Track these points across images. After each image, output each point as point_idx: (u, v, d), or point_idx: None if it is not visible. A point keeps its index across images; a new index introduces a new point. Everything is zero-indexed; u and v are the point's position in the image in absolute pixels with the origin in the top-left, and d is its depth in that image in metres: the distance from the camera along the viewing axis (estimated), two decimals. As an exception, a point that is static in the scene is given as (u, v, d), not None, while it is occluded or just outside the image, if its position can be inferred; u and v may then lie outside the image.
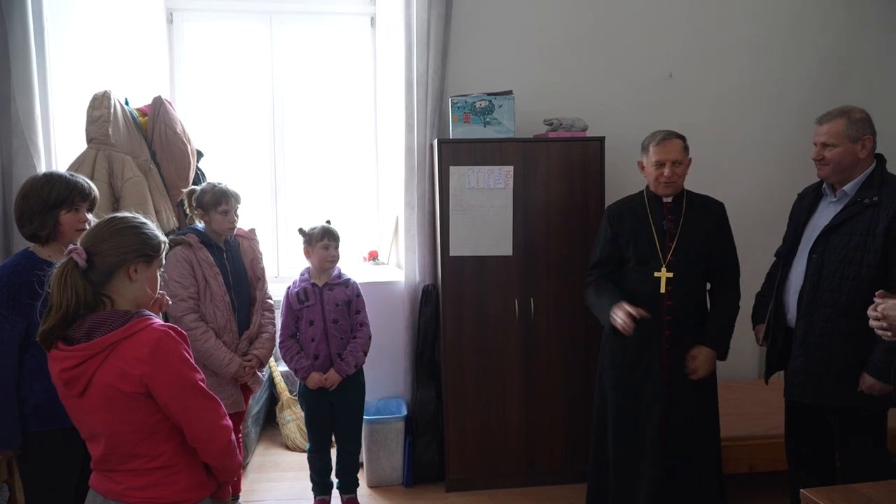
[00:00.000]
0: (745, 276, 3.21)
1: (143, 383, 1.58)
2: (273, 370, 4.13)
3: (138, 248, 1.67)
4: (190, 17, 4.17)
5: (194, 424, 1.66)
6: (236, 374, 2.79)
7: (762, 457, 3.18)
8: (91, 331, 1.60)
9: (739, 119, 4.04)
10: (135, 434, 1.61)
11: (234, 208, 2.87)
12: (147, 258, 1.69)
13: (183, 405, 1.63)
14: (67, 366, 1.59)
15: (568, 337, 3.44)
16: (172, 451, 1.66)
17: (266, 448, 3.99)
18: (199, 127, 4.15)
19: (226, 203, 2.83)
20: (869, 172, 2.46)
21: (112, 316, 1.62)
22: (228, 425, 1.74)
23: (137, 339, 1.59)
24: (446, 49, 3.69)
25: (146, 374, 1.57)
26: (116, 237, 1.66)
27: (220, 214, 2.83)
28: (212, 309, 2.77)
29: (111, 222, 1.70)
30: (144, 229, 1.71)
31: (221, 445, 1.71)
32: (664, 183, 2.73)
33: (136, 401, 1.59)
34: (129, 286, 1.67)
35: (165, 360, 1.59)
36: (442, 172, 3.34)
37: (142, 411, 1.61)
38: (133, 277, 1.67)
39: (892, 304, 1.98)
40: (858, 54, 4.09)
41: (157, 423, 1.63)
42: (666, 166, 2.70)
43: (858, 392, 2.38)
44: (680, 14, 3.95)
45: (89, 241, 1.66)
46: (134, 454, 1.63)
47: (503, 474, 3.47)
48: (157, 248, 1.73)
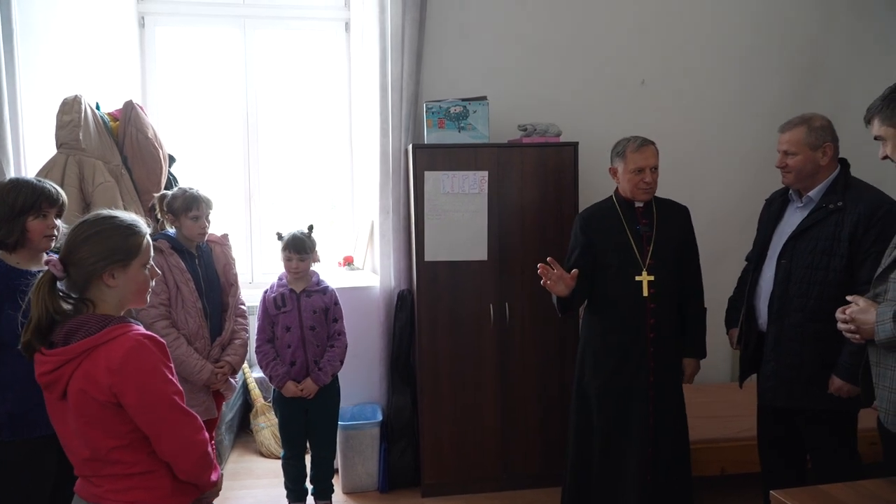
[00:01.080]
0: (716, 279, 3.27)
1: (112, 392, 1.54)
2: (247, 376, 4.09)
3: (109, 254, 1.61)
4: (162, 20, 4.13)
5: (164, 439, 1.61)
6: (208, 381, 2.76)
7: (734, 459, 3.21)
8: (68, 336, 1.57)
9: (709, 125, 4.10)
10: (108, 441, 1.58)
11: (206, 214, 2.84)
12: (122, 262, 1.63)
13: (152, 418, 1.59)
14: (45, 370, 1.57)
15: (543, 341, 3.46)
16: (149, 459, 1.63)
17: (240, 455, 3.95)
18: (172, 132, 4.11)
19: (196, 209, 2.79)
20: (833, 178, 2.51)
21: (89, 321, 1.58)
22: (203, 439, 1.69)
23: (110, 348, 1.55)
24: (421, 54, 3.70)
25: (115, 384, 1.53)
26: (86, 245, 1.61)
27: (190, 220, 2.80)
28: (183, 315, 2.74)
29: (81, 228, 1.64)
30: (118, 231, 1.64)
31: (193, 461, 1.66)
32: (643, 189, 2.76)
33: (108, 409, 1.56)
34: (109, 291, 1.63)
35: (136, 370, 1.55)
36: (417, 177, 3.34)
37: (114, 420, 1.57)
38: (110, 283, 1.63)
39: (859, 308, 2.02)
40: (825, 61, 4.18)
41: (131, 432, 1.59)
42: (646, 172, 2.74)
43: (828, 394, 2.42)
44: (652, 22, 4.00)
45: (64, 251, 1.62)
46: (110, 460, 1.60)
47: (478, 479, 3.48)
48: (134, 249, 1.65)
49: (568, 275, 2.65)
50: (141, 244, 1.68)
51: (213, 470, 1.74)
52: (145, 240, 1.70)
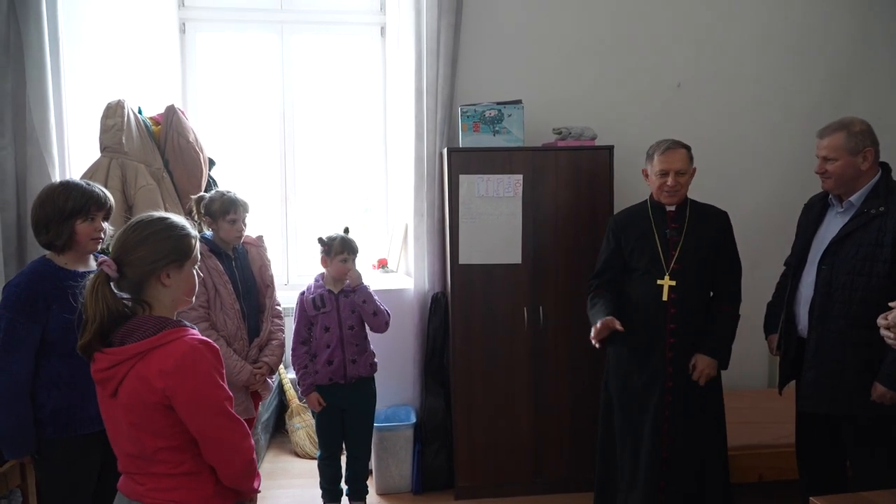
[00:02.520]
0: (754, 284, 3.22)
1: (165, 395, 1.57)
2: (283, 377, 4.15)
3: (166, 254, 1.65)
4: (202, 26, 4.22)
5: (212, 444, 1.63)
6: (247, 382, 2.81)
7: (772, 466, 3.17)
8: (125, 336, 1.60)
9: (747, 128, 4.05)
10: (156, 441, 1.61)
11: (243, 217, 2.88)
12: (178, 262, 1.67)
13: (202, 423, 1.61)
14: (102, 366, 1.61)
15: (576, 345, 3.45)
16: (194, 461, 1.65)
17: (275, 455, 4.01)
18: (211, 135, 4.18)
19: (234, 212, 2.84)
20: (874, 182, 2.47)
21: (146, 323, 1.61)
22: (249, 446, 1.70)
23: (165, 351, 1.58)
24: (456, 58, 3.72)
25: (168, 387, 1.56)
26: (143, 246, 1.64)
27: (227, 223, 2.84)
28: (222, 317, 2.79)
29: (137, 229, 1.67)
30: (172, 232, 1.68)
31: (239, 467, 1.68)
32: (667, 192, 2.75)
33: (158, 411, 1.59)
34: (164, 291, 1.66)
35: (189, 375, 1.58)
36: (451, 181, 3.36)
37: (163, 421, 1.60)
38: (166, 283, 1.66)
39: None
40: (865, 65, 4.09)
41: (179, 434, 1.62)
42: (669, 176, 2.72)
43: (870, 401, 2.38)
44: (688, 24, 3.97)
45: (118, 251, 1.65)
46: (156, 460, 1.63)
47: (511, 482, 3.48)
48: (188, 249, 1.70)
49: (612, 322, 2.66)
50: (194, 245, 1.73)
51: (256, 477, 1.76)
52: (197, 241, 1.75)
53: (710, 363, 2.75)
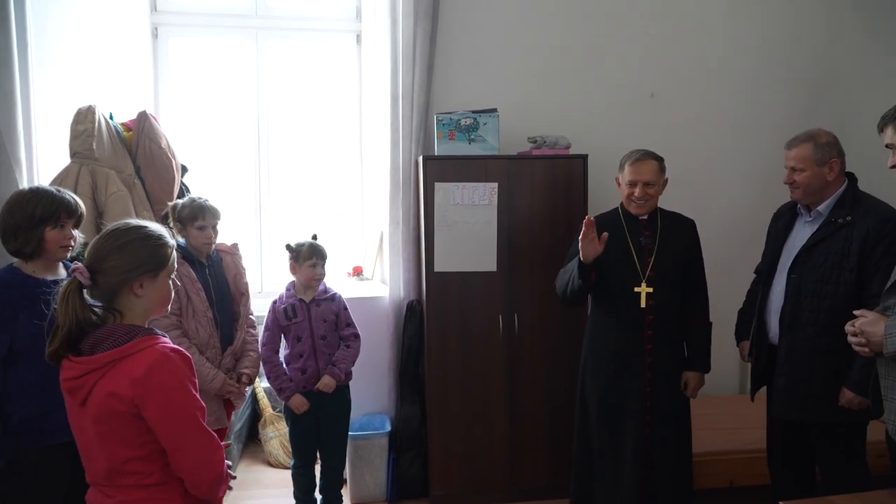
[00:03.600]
0: (724, 292, 3.27)
1: (135, 404, 1.55)
2: (256, 386, 4.10)
3: (141, 264, 1.63)
4: (175, 31, 4.18)
5: (181, 455, 1.60)
6: (220, 391, 2.77)
7: (742, 471, 3.22)
8: (95, 345, 1.58)
9: (717, 138, 4.12)
10: (125, 451, 1.59)
11: (212, 224, 2.83)
12: (152, 272, 1.65)
13: (172, 433, 1.58)
14: (71, 375, 1.58)
15: (552, 352, 3.47)
16: (163, 471, 1.63)
17: (248, 465, 3.96)
18: (184, 142, 4.14)
19: (202, 218, 2.80)
20: (841, 192, 2.53)
21: (117, 331, 1.59)
22: (220, 459, 1.68)
23: (136, 359, 1.56)
24: (432, 66, 3.73)
25: (138, 396, 1.54)
26: (117, 254, 1.61)
27: (196, 230, 2.80)
28: (194, 325, 2.75)
29: (113, 236, 1.64)
30: (149, 241, 1.66)
31: (209, 480, 1.65)
32: (634, 203, 2.79)
33: (128, 421, 1.56)
34: (137, 301, 1.64)
35: (160, 383, 1.55)
36: (427, 188, 3.37)
37: (133, 431, 1.57)
38: (139, 293, 1.63)
39: (868, 321, 2.03)
40: (831, 77, 4.20)
41: (148, 444, 1.59)
42: (637, 187, 2.75)
43: (839, 407, 2.43)
44: (661, 36, 4.03)
45: (92, 258, 1.62)
46: (125, 471, 1.60)
47: (487, 490, 3.48)
48: (164, 259, 1.67)
49: (598, 239, 2.62)
50: (170, 255, 1.70)
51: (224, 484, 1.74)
52: (174, 251, 1.72)
53: (700, 378, 2.87)
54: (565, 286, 2.81)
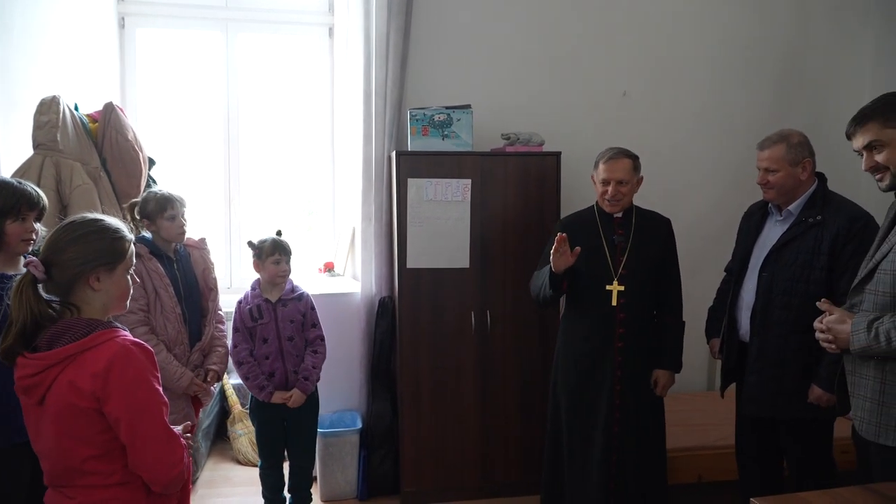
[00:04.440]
0: (695, 290, 3.31)
1: (96, 399, 1.51)
2: (224, 383, 4.04)
3: (97, 256, 1.59)
4: (143, 22, 4.09)
5: (142, 450, 1.57)
6: (188, 389, 2.73)
7: (711, 467, 3.25)
8: (52, 340, 1.53)
9: (690, 137, 4.15)
10: (85, 450, 1.54)
11: (181, 212, 2.79)
12: (109, 265, 1.61)
13: (133, 428, 1.55)
14: (27, 373, 1.53)
15: (524, 349, 3.47)
16: (125, 470, 1.59)
17: (216, 463, 3.90)
18: (152, 134, 4.06)
19: (171, 208, 2.75)
20: (811, 192, 2.56)
21: (76, 325, 1.55)
22: (180, 457, 1.65)
23: (97, 353, 1.52)
24: (405, 61, 3.71)
25: (99, 390, 1.50)
26: (73, 247, 1.58)
27: (167, 220, 2.75)
28: (162, 321, 2.70)
29: (68, 229, 1.61)
30: (105, 234, 1.62)
31: (167, 479, 1.62)
32: (608, 201, 2.80)
33: (88, 416, 1.52)
34: (94, 295, 1.60)
35: (122, 376, 1.52)
36: (400, 184, 3.34)
37: (93, 428, 1.53)
38: (95, 287, 1.60)
39: (835, 318, 2.06)
40: (802, 78, 4.26)
41: (108, 441, 1.56)
42: (610, 185, 2.76)
43: (808, 403, 2.47)
44: (634, 35, 4.05)
45: (47, 252, 1.58)
46: (84, 471, 1.56)
47: (458, 487, 3.47)
48: (121, 252, 1.64)
49: (570, 252, 2.62)
50: (127, 249, 1.67)
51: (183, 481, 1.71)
52: (131, 245, 1.69)
53: (670, 377, 2.87)
54: (538, 291, 2.83)
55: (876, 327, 1.90)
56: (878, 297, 1.97)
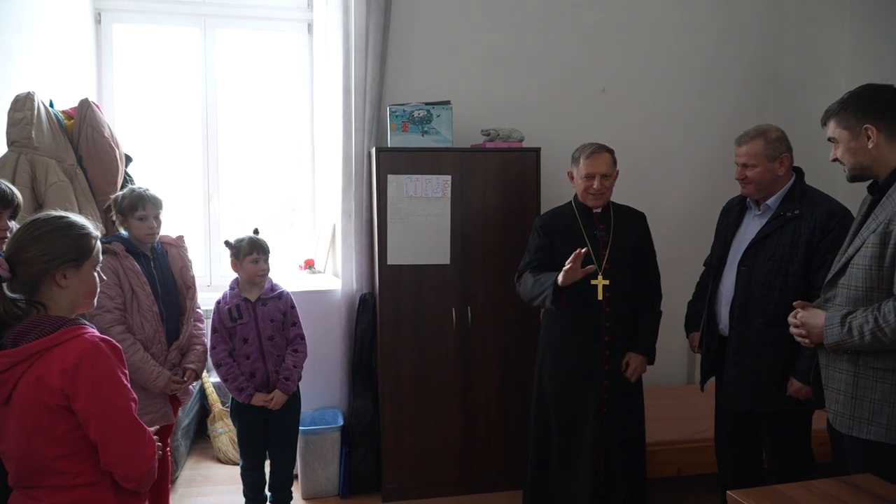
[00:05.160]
0: (674, 283, 3.33)
1: (64, 395, 1.49)
2: (204, 381, 4.01)
3: (63, 253, 1.58)
4: (119, 17, 4.04)
5: (113, 446, 1.56)
6: (165, 388, 2.70)
7: (690, 460, 3.28)
8: (19, 337, 1.52)
9: (668, 133, 4.18)
10: (53, 449, 1.53)
11: (153, 214, 2.73)
12: (75, 262, 1.60)
13: (103, 424, 1.54)
14: None
15: (505, 344, 3.48)
16: (93, 470, 1.57)
17: (197, 461, 3.87)
18: (129, 131, 4.02)
19: (142, 208, 2.70)
20: (789, 186, 2.59)
21: (42, 322, 1.53)
22: (152, 453, 1.64)
23: (65, 349, 1.51)
24: (385, 57, 3.70)
25: (68, 387, 1.49)
26: (37, 244, 1.57)
27: (137, 220, 2.71)
28: (139, 320, 2.66)
29: (32, 227, 1.60)
30: (71, 231, 1.61)
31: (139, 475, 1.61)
32: (592, 195, 2.81)
33: (57, 414, 1.51)
34: (61, 292, 1.59)
35: (90, 373, 1.51)
36: (380, 180, 3.33)
37: (62, 426, 1.52)
38: (62, 284, 1.58)
39: (809, 313, 2.09)
40: (778, 73, 4.30)
41: (77, 440, 1.54)
42: (595, 179, 2.78)
43: (787, 396, 2.50)
44: (614, 32, 4.07)
45: (11, 250, 1.57)
46: (52, 470, 1.54)
47: (440, 483, 3.47)
48: (87, 249, 1.63)
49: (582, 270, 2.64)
50: (93, 246, 1.66)
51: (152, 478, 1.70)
52: (97, 242, 1.68)
53: (642, 361, 2.88)
54: (533, 298, 2.80)
55: (849, 322, 1.93)
56: (850, 292, 2.00)
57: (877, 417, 1.94)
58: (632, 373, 2.86)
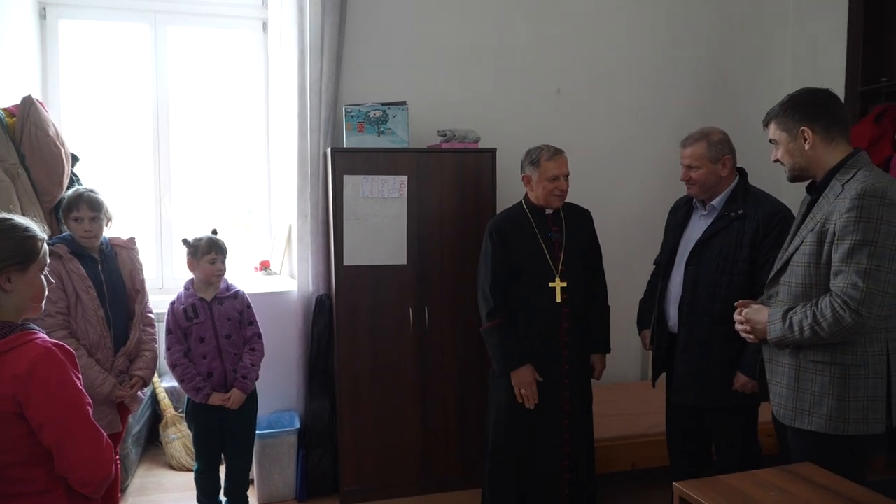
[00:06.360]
0: (627, 282, 3.40)
1: (16, 402, 1.46)
2: (156, 387, 3.93)
3: (7, 256, 1.54)
4: (65, 12, 3.92)
5: (68, 452, 1.52)
6: (110, 395, 2.63)
7: (644, 454, 3.34)
8: None
9: (621, 133, 4.25)
10: (6, 456, 1.49)
11: (90, 216, 2.64)
12: (20, 265, 1.56)
13: (60, 429, 1.51)
14: None
15: (462, 344, 3.49)
16: (46, 477, 1.54)
17: (148, 469, 3.79)
18: (76, 130, 3.91)
19: (76, 209, 2.62)
20: (733, 187, 2.66)
21: None
22: (110, 457, 1.62)
23: (16, 355, 1.47)
24: (340, 57, 3.68)
25: (21, 393, 1.46)
26: None
27: (73, 221, 2.64)
28: (83, 324, 2.59)
29: None
30: (14, 233, 1.57)
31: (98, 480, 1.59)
32: (558, 196, 2.85)
33: (9, 422, 1.47)
34: (6, 296, 1.55)
35: (44, 379, 1.48)
36: (336, 181, 3.31)
37: (14, 433, 1.48)
38: (6, 288, 1.54)
39: (753, 309, 2.16)
40: (726, 77, 4.42)
41: (31, 447, 1.51)
42: (561, 180, 2.82)
43: (733, 391, 2.56)
44: (567, 34, 4.12)
45: None
46: (4, 478, 1.50)
47: (398, 483, 3.47)
48: (32, 252, 1.59)
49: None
50: (39, 248, 1.62)
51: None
52: (43, 245, 1.64)
53: (605, 360, 3.00)
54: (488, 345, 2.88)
55: (790, 318, 2.00)
56: (791, 288, 2.07)
57: (817, 409, 2.01)
58: (599, 374, 2.97)
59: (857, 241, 1.88)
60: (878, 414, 1.98)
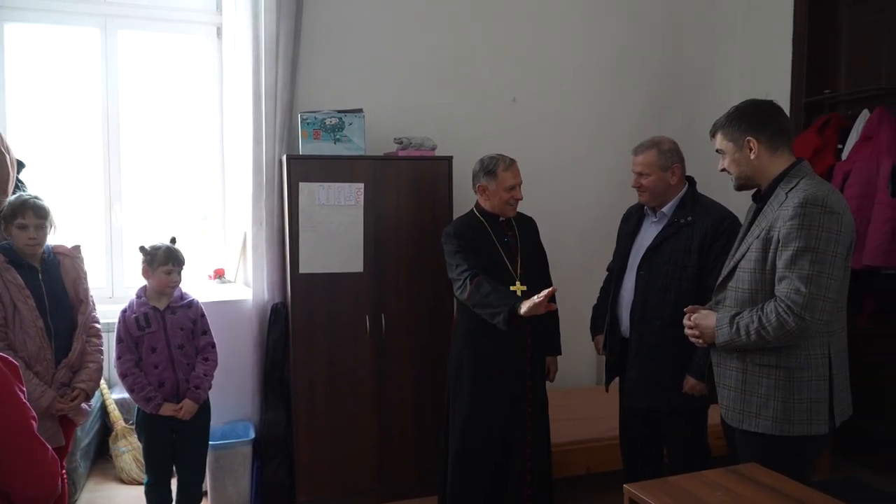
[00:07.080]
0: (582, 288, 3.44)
1: None
2: (106, 398, 3.83)
3: None
4: (13, 16, 3.81)
5: (13, 469, 1.47)
6: (49, 409, 2.54)
7: (599, 458, 3.39)
8: None
9: (575, 141, 4.32)
10: None
11: (35, 224, 2.57)
12: None
13: (3, 445, 1.45)
14: None
15: (419, 352, 3.49)
16: None
17: (97, 483, 3.68)
18: (23, 135, 3.80)
19: (21, 216, 2.55)
20: (682, 195, 2.73)
21: None
22: (56, 472, 1.57)
23: None
24: (296, 63, 3.66)
25: None
26: None
27: (17, 229, 2.56)
28: (21, 336, 2.50)
29: None
30: None
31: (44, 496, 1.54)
32: (513, 205, 2.91)
33: None
34: None
35: None
36: (291, 188, 3.29)
37: None
38: None
39: (701, 314, 2.21)
40: (677, 87, 4.53)
41: None
42: (517, 189, 2.88)
43: (683, 394, 2.62)
44: (522, 44, 4.17)
45: None
46: None
47: (355, 492, 3.45)
48: None
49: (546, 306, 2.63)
50: None
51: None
52: None
53: (556, 361, 3.09)
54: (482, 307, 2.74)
55: (737, 322, 2.05)
56: (738, 294, 2.12)
57: (763, 411, 2.06)
58: (553, 375, 3.08)
59: (800, 247, 1.95)
60: (822, 415, 2.04)
